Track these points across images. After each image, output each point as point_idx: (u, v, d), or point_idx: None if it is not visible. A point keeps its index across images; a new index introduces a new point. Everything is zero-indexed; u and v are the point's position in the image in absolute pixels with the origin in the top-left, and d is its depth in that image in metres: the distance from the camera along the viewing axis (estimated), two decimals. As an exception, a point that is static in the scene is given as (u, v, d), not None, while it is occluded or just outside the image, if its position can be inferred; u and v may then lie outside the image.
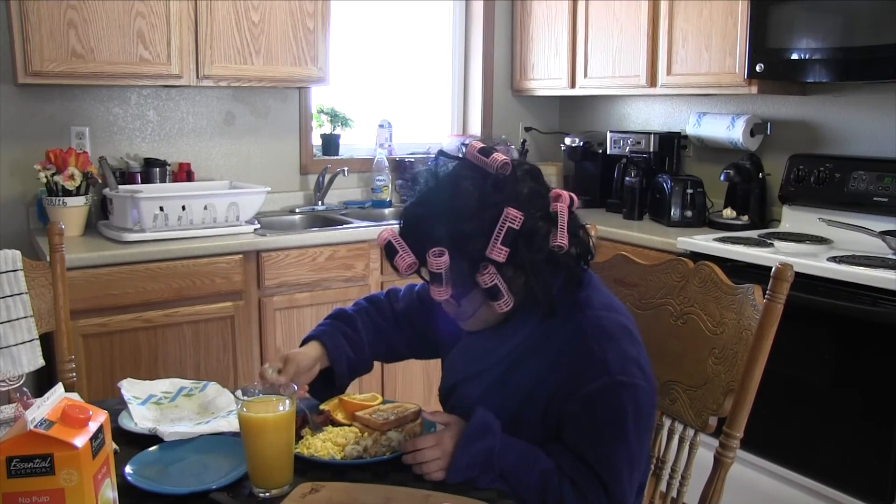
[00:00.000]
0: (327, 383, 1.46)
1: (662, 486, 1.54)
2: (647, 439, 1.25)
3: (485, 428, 1.22)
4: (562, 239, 1.20)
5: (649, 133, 3.26)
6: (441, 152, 1.30)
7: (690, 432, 1.48)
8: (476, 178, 1.21)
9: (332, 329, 1.46)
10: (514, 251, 1.17)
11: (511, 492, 1.21)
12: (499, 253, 1.16)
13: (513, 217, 1.16)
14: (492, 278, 1.18)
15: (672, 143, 3.27)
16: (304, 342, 1.46)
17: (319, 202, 3.38)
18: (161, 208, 2.63)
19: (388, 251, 1.22)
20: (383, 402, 1.45)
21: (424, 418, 1.33)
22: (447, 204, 1.20)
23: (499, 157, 1.20)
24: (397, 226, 1.27)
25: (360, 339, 1.47)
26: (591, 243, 1.31)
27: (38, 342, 1.77)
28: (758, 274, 2.21)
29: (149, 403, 1.48)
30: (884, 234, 2.39)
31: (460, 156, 1.26)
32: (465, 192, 1.20)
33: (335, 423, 1.39)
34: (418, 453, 1.23)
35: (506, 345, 1.28)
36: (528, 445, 1.24)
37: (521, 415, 1.27)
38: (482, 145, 1.23)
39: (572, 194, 1.26)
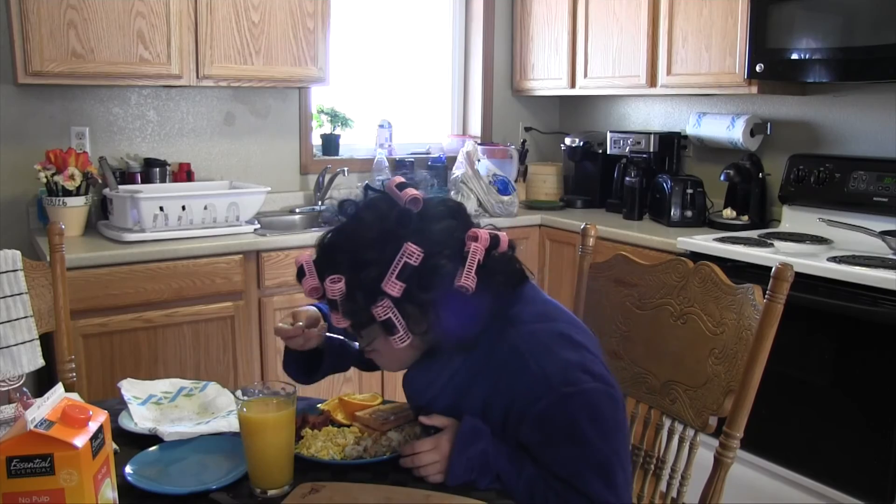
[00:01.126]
0: (302, 369, 1.47)
1: (662, 486, 1.54)
2: (618, 436, 1.22)
3: (476, 430, 1.22)
4: (465, 280, 1.17)
5: (649, 133, 3.26)
6: (367, 186, 1.30)
7: (690, 432, 1.48)
8: (383, 212, 1.21)
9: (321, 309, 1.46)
10: (409, 287, 1.15)
11: (507, 491, 1.21)
12: (392, 287, 1.15)
13: (411, 252, 1.15)
14: (386, 311, 1.16)
15: (672, 143, 3.27)
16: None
17: (319, 202, 3.38)
18: (161, 208, 2.63)
19: (299, 274, 1.24)
20: (383, 402, 1.45)
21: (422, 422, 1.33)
22: (353, 233, 1.21)
23: (410, 192, 1.20)
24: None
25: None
26: (522, 270, 1.29)
27: (38, 342, 1.77)
28: (758, 274, 2.21)
29: (149, 403, 1.48)
30: (884, 234, 2.39)
31: (381, 188, 1.26)
32: (369, 222, 1.21)
33: (335, 423, 1.39)
34: (416, 457, 1.23)
35: (442, 375, 1.27)
36: (515, 451, 1.23)
37: None
38: (401, 180, 1.23)
39: (501, 234, 1.25)
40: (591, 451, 1.19)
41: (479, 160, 3.39)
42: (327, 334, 1.45)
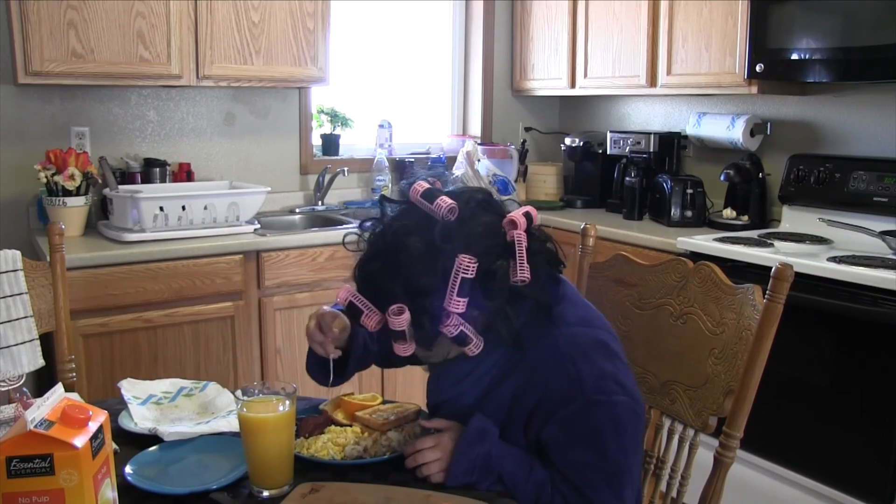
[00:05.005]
0: (325, 371, 1.42)
1: (662, 486, 1.54)
2: (633, 454, 1.23)
3: (482, 433, 1.22)
4: (522, 273, 1.16)
5: (649, 133, 3.26)
6: (383, 197, 1.25)
7: (690, 432, 1.48)
8: (423, 229, 1.15)
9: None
10: (473, 298, 1.13)
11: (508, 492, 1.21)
12: (457, 305, 1.12)
13: (465, 266, 1.11)
14: (457, 328, 1.14)
15: (672, 143, 3.27)
16: None
17: (319, 202, 3.38)
18: (161, 208, 2.63)
19: (351, 311, 1.18)
20: (383, 402, 1.45)
21: (422, 425, 1.33)
22: (398, 259, 1.15)
23: (444, 202, 1.15)
24: (354, 283, 1.22)
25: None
26: (559, 253, 1.28)
27: (38, 342, 1.77)
28: (758, 274, 2.21)
29: (149, 403, 1.48)
30: (884, 234, 2.39)
31: (403, 199, 1.21)
32: (414, 246, 1.15)
33: (335, 424, 1.39)
34: (418, 454, 1.23)
35: (480, 367, 1.27)
36: (524, 454, 1.23)
37: (504, 431, 1.26)
38: (426, 187, 1.18)
39: (530, 210, 1.21)
40: (607, 461, 1.19)
41: (479, 160, 3.39)
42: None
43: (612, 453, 1.19)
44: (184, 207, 2.67)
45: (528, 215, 1.20)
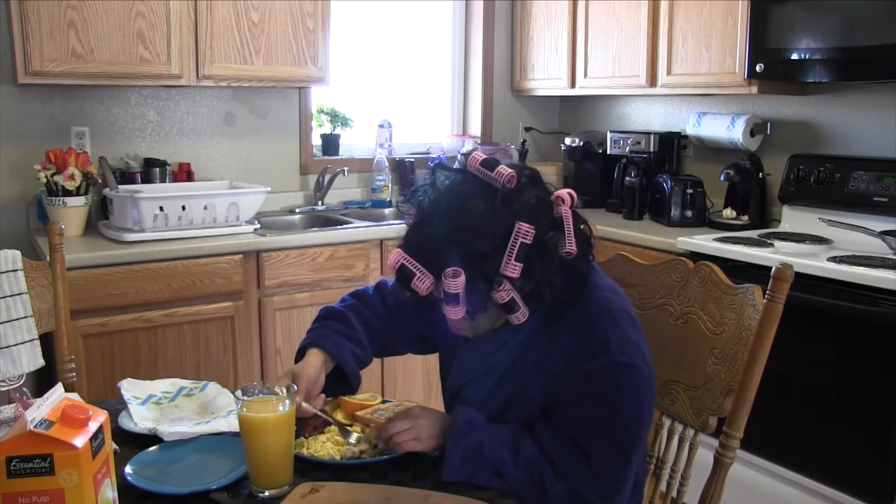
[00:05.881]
0: (337, 382, 1.45)
1: (662, 486, 1.54)
2: (645, 425, 1.24)
3: (470, 423, 1.23)
4: (570, 245, 1.20)
5: (649, 133, 3.26)
6: (439, 165, 1.28)
7: (690, 432, 1.48)
8: (484, 195, 1.19)
9: (327, 331, 1.45)
10: (527, 265, 1.17)
11: (507, 487, 1.21)
12: (513, 269, 1.16)
13: (525, 232, 1.15)
14: (508, 294, 1.17)
15: (672, 143, 3.27)
16: (301, 351, 1.44)
17: (319, 202, 3.38)
18: (161, 208, 2.63)
19: (403, 274, 1.19)
20: (383, 402, 1.45)
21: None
22: (457, 223, 1.18)
23: (504, 170, 1.19)
24: (402, 245, 1.23)
25: (357, 333, 1.46)
26: (591, 238, 1.31)
27: (38, 342, 1.77)
28: (758, 274, 2.21)
29: (149, 403, 1.48)
30: (884, 234, 2.39)
31: (461, 168, 1.24)
32: (475, 210, 1.18)
33: (335, 424, 1.39)
34: (389, 424, 1.26)
35: (516, 336, 1.28)
36: (513, 435, 1.24)
37: (522, 394, 1.27)
38: (484, 157, 1.21)
39: (571, 192, 1.25)
40: (620, 423, 1.20)
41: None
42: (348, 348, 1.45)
43: (626, 415, 1.20)
44: (184, 207, 2.67)
45: (571, 196, 1.25)
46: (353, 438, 1.32)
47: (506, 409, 1.28)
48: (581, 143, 3.60)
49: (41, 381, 2.43)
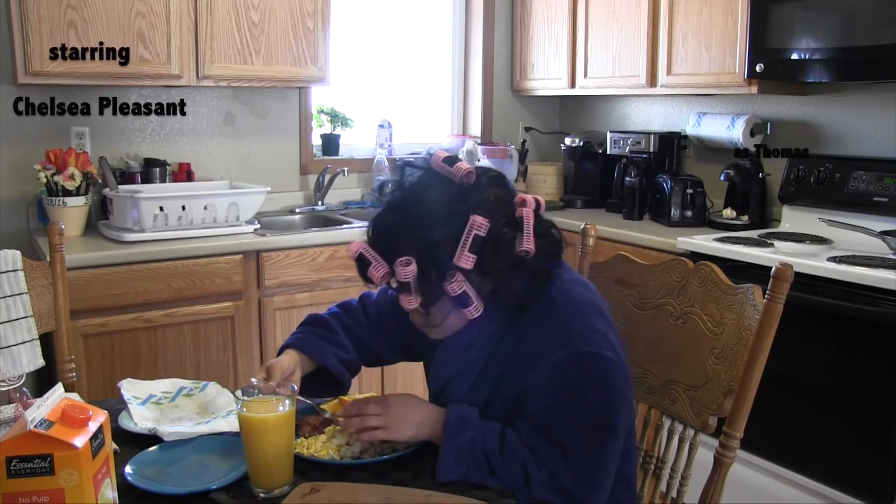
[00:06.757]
0: (325, 384, 1.47)
1: (662, 486, 1.54)
2: (619, 414, 1.24)
3: (461, 421, 1.24)
4: (527, 244, 1.22)
5: (649, 133, 3.26)
6: (406, 162, 1.30)
7: (690, 432, 1.48)
8: (442, 186, 1.23)
9: (306, 335, 1.47)
10: (481, 258, 1.19)
11: (498, 482, 1.21)
12: (466, 260, 1.18)
13: (479, 224, 1.18)
14: (460, 286, 1.19)
15: (672, 143, 3.27)
16: (279, 353, 1.46)
17: (319, 202, 3.38)
18: (161, 208, 2.63)
19: (361, 263, 1.24)
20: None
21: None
22: (414, 213, 1.22)
23: (463, 166, 1.23)
24: (364, 237, 1.28)
25: (339, 337, 1.48)
26: (561, 238, 1.33)
27: (38, 342, 1.76)
28: (758, 274, 2.21)
29: (149, 403, 1.48)
30: (884, 234, 2.39)
31: (424, 165, 1.28)
32: (431, 200, 1.22)
33: (335, 424, 1.39)
34: (357, 408, 1.28)
35: (484, 333, 1.30)
36: (500, 427, 1.25)
37: (500, 389, 1.29)
38: (447, 155, 1.25)
39: (538, 198, 1.28)
40: (589, 412, 1.21)
41: (479, 160, 3.39)
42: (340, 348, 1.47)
43: (595, 405, 1.21)
44: (184, 207, 2.67)
45: (537, 200, 1.28)
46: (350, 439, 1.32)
47: (489, 406, 1.29)
48: (581, 143, 3.60)
49: (41, 381, 2.43)
